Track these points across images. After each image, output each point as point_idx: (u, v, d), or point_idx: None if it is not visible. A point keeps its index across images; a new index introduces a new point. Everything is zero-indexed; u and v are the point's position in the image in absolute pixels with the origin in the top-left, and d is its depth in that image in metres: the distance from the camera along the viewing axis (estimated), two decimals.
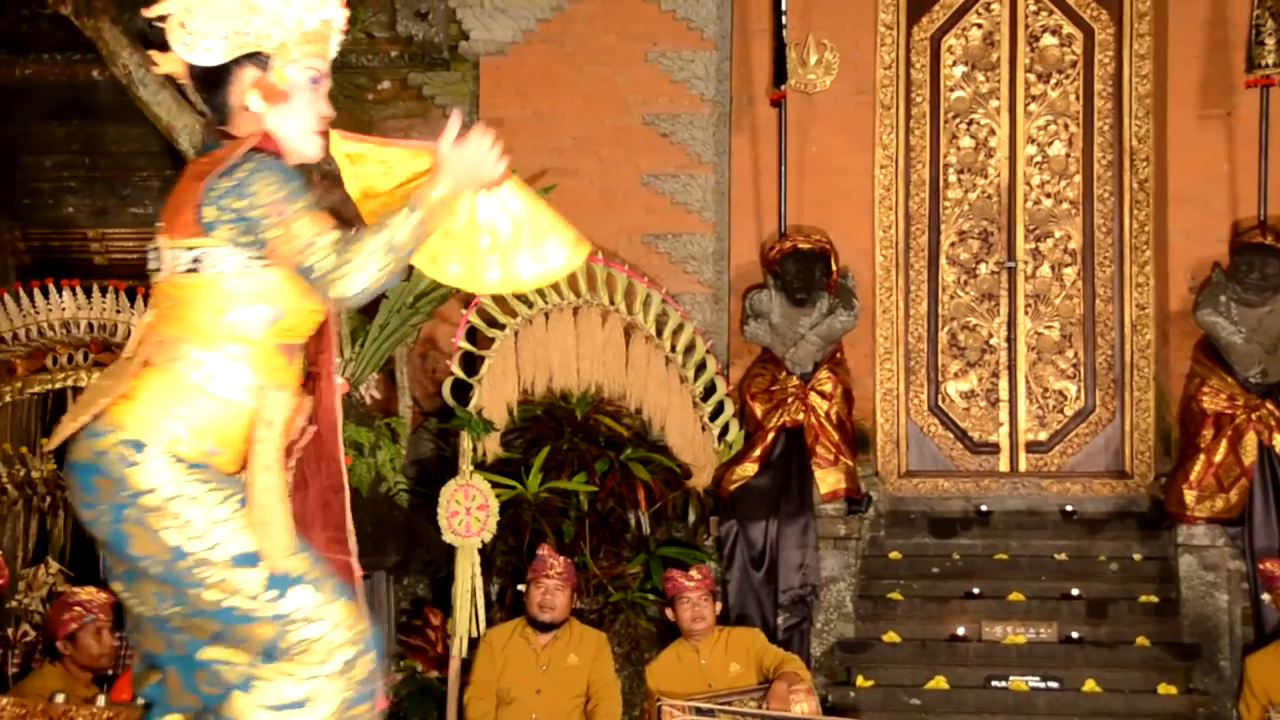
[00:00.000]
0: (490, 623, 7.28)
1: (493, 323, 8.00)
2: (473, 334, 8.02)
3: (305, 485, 3.08)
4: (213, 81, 2.95)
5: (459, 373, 7.97)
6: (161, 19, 2.91)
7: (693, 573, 6.88)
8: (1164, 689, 7.24)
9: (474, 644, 7.10)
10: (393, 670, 7.36)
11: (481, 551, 7.40)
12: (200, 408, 2.84)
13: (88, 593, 5.88)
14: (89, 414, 2.84)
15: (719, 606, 7.02)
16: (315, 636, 2.80)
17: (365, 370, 8.28)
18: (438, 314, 8.52)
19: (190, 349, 2.86)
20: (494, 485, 7.50)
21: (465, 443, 7.58)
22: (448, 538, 7.35)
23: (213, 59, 2.89)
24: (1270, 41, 7.65)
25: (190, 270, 2.86)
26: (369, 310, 8.43)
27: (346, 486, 3.08)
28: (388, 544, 7.41)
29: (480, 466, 7.64)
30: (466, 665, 7.09)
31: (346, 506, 3.08)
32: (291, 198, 2.82)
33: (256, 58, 2.91)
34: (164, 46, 2.93)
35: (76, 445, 2.85)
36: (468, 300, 8.04)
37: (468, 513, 7.35)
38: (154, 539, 2.78)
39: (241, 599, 2.79)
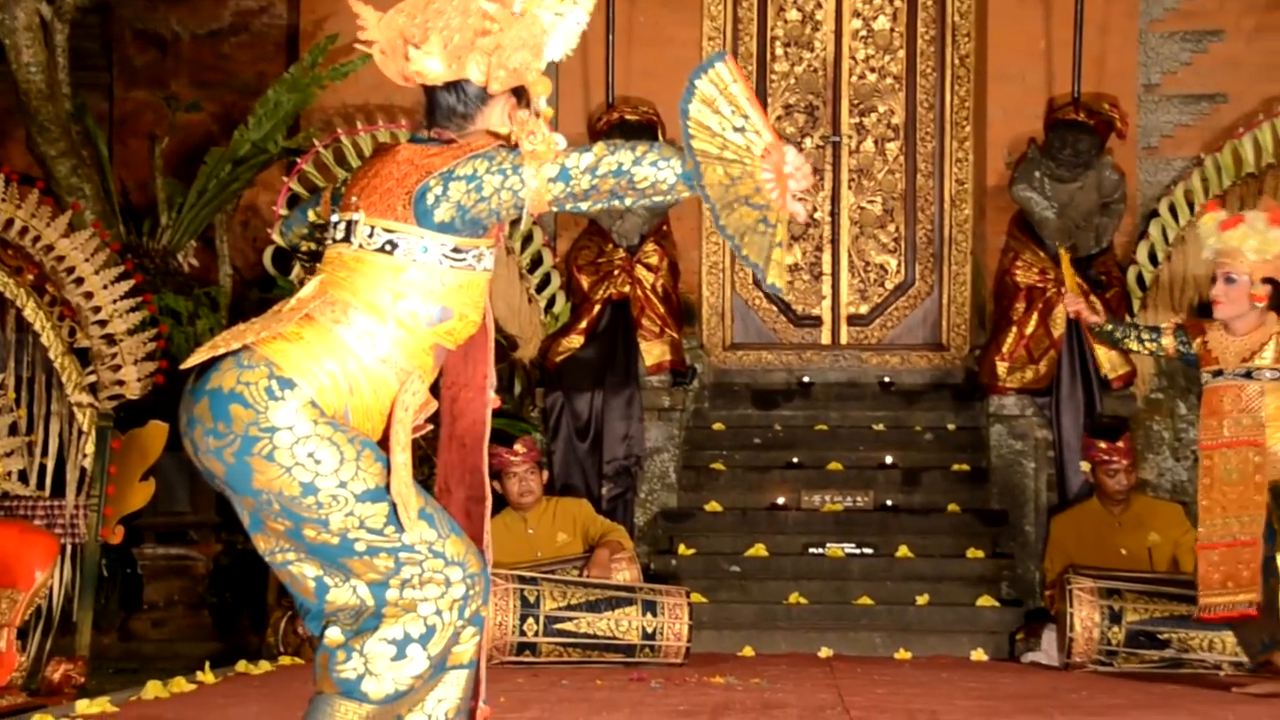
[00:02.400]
0: None
1: (314, 190, 7.83)
2: (295, 202, 7.85)
3: (449, 492, 3.19)
4: (472, 96, 3.00)
5: (280, 241, 7.79)
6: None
7: (517, 447, 6.89)
8: (972, 553, 7.52)
9: None
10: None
11: None
12: (348, 369, 2.91)
13: None
14: (232, 345, 2.88)
15: (546, 476, 7.06)
16: (433, 570, 2.91)
17: (183, 237, 8.06)
18: (259, 180, 8.31)
19: (357, 316, 2.92)
20: None
21: None
22: None
23: (498, 87, 2.97)
24: None
25: (382, 250, 2.92)
26: (186, 176, 8.20)
27: (489, 498, 3.17)
28: None
29: None
30: None
31: (487, 517, 3.17)
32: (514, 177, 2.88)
33: (519, 90, 3.01)
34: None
35: (218, 374, 2.86)
36: (289, 167, 7.84)
37: None
38: (281, 475, 2.84)
39: (366, 531, 2.88)
